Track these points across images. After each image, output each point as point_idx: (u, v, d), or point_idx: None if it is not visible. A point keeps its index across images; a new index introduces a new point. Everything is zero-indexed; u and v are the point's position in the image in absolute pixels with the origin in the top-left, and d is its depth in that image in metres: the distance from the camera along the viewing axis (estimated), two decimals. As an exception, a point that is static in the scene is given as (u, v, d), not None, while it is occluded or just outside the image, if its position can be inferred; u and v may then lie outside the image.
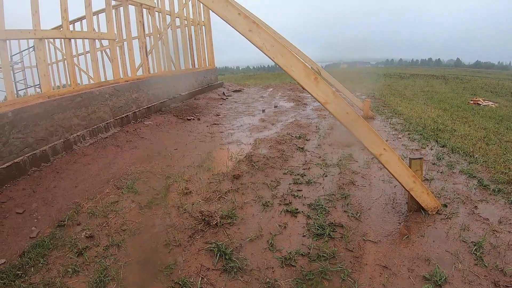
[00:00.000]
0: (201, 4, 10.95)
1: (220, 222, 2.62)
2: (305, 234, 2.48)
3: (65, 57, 7.98)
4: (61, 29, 5.30)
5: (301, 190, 3.23)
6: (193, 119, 6.74)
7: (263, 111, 7.68)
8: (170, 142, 5.20)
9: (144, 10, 7.62)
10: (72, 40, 9.15)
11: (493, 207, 2.87)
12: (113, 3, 6.48)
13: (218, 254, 2.26)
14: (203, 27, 11.10)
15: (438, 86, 13.76)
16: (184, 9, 9.73)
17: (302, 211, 2.81)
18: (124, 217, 2.92)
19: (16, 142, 3.82)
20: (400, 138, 5.15)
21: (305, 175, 3.60)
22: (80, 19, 9.66)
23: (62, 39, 7.29)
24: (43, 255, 2.42)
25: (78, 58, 10.50)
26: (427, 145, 4.69)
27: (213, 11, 2.41)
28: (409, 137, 5.13)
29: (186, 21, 9.73)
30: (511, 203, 2.91)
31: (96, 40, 6.37)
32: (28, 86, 10.13)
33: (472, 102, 8.84)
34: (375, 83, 15.58)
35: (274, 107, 8.21)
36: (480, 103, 8.63)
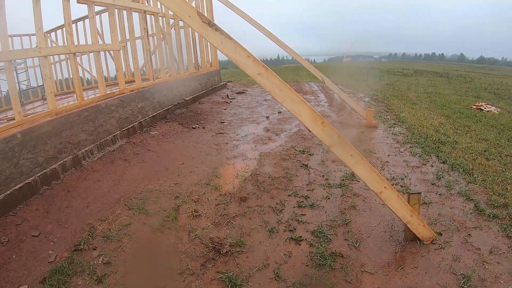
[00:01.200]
0: (205, 6, 11.14)
1: (230, 250, 2.90)
2: (308, 264, 2.75)
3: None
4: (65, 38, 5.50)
5: (305, 214, 3.50)
6: (198, 127, 7.00)
7: (267, 117, 7.92)
8: (176, 154, 5.46)
9: (148, 16, 7.81)
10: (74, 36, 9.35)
11: (486, 235, 3.10)
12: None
13: (229, 285, 2.52)
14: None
15: (441, 86, 13.99)
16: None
17: (305, 239, 3.08)
18: (138, 241, 3.19)
19: (27, 163, 4.03)
20: (401, 152, 5.38)
21: (308, 197, 3.87)
22: (82, 18, 9.91)
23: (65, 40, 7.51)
24: (64, 282, 2.68)
25: (81, 57, 10.71)
26: (428, 161, 4.93)
27: (222, 53, 2.63)
28: (411, 151, 5.38)
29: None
30: (504, 230, 3.14)
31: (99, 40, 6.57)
32: (31, 87, 10.36)
33: (474, 107, 9.08)
34: (378, 82, 15.78)
35: (278, 113, 8.46)
36: (483, 108, 8.86)
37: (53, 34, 10.69)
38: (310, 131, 2.63)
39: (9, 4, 4.38)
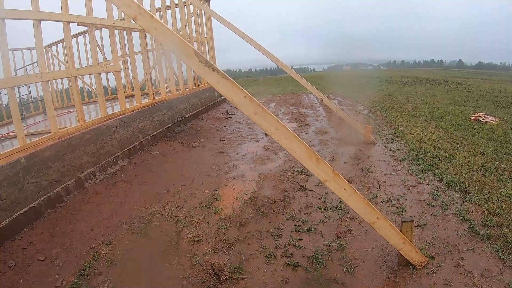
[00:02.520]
0: (204, 21, 11.40)
1: (229, 277, 3.08)
2: (304, 291, 2.92)
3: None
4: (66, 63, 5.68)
5: (302, 239, 3.68)
6: (198, 146, 7.20)
7: (266, 135, 8.11)
8: (177, 175, 5.64)
9: (148, 35, 8.03)
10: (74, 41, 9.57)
11: (478, 257, 3.25)
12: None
13: (229, 313, 2.70)
14: (206, 43, 11.54)
15: (440, 96, 14.23)
16: (187, 25, 10.17)
17: (302, 265, 3.25)
18: (142, 266, 3.36)
19: (31, 187, 4.19)
20: (399, 170, 5.55)
21: (306, 221, 4.04)
22: (82, 33, 10.18)
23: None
24: (72, 308, 2.85)
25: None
26: (425, 180, 5.10)
27: (219, 92, 2.82)
28: (408, 169, 5.54)
29: (189, 38, 10.14)
30: (497, 251, 3.29)
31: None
32: (33, 101, 10.58)
33: (473, 118, 9.28)
34: (377, 92, 16.02)
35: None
36: (481, 119, 9.05)
37: (54, 47, 10.96)
38: (305, 167, 2.80)
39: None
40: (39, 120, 8.60)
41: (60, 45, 10.96)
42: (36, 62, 9.81)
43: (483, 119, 9.09)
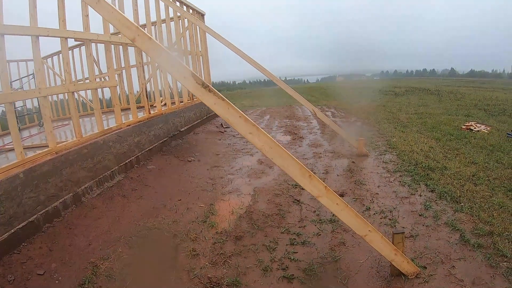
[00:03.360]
0: (199, 35, 11.59)
1: (226, 290, 3.17)
2: (299, 302, 3.02)
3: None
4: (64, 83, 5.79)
5: (297, 252, 3.79)
6: (194, 160, 7.31)
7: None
8: (173, 190, 5.74)
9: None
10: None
11: (470, 265, 3.37)
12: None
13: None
14: (201, 57, 11.72)
15: (432, 106, 14.55)
16: (182, 39, 10.33)
17: (297, 277, 3.36)
18: (141, 281, 3.43)
19: (29, 202, 4.25)
20: (391, 182, 5.70)
21: (300, 234, 4.16)
22: (78, 45, 10.31)
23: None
24: (73, 322, 2.92)
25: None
26: (417, 191, 5.25)
27: (216, 112, 2.95)
28: (400, 181, 5.70)
29: (183, 52, 10.30)
30: (488, 259, 3.41)
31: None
32: (28, 113, 10.67)
33: (464, 127, 9.49)
34: (370, 103, 16.27)
35: (271, 143, 8.77)
36: (473, 128, 9.27)
37: (49, 60, 11.09)
38: (299, 184, 2.92)
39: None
40: (35, 133, 8.66)
41: (55, 58, 11.11)
42: (32, 74, 9.97)
43: (475, 128, 9.32)
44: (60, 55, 10.09)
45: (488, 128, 9.28)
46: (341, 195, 5.21)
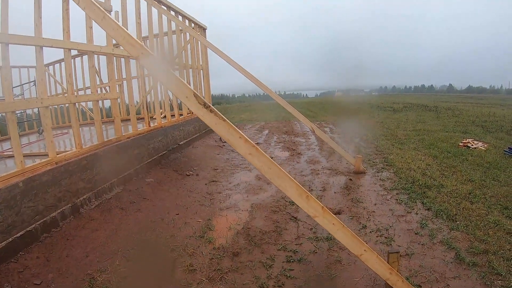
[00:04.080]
0: (200, 49, 11.75)
1: (223, 306, 3.21)
2: (295, 320, 3.07)
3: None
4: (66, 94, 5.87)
5: (293, 269, 3.84)
6: (192, 174, 7.38)
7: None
8: (171, 204, 5.80)
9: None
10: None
11: (464, 284, 3.42)
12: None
13: None
14: (201, 71, 11.86)
15: (430, 122, 14.73)
16: (183, 52, 10.48)
17: (293, 295, 3.41)
18: (137, 295, 3.48)
19: (28, 211, 4.31)
20: (388, 200, 5.77)
21: (297, 251, 4.22)
22: (79, 55, 10.45)
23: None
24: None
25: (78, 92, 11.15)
26: (413, 209, 5.32)
27: (217, 132, 3.04)
28: (397, 199, 5.77)
29: (184, 65, 10.44)
30: (482, 277, 3.47)
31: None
32: (27, 120, 10.76)
33: (462, 144, 9.61)
34: (369, 120, 16.43)
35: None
36: (470, 145, 9.39)
37: (51, 67, 11.21)
38: (296, 203, 2.99)
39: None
40: (34, 140, 8.70)
41: (57, 65, 11.23)
42: (33, 81, 10.07)
43: (472, 145, 9.44)
44: (62, 63, 10.22)
45: (485, 145, 9.42)
46: (338, 213, 5.28)
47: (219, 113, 2.93)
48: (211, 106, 2.94)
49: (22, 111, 10.21)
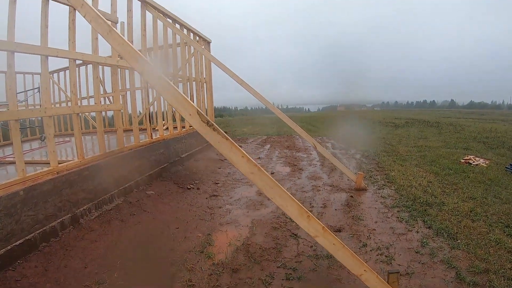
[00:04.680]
0: (204, 62, 11.87)
1: (221, 323, 3.21)
2: None
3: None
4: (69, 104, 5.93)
5: (293, 287, 3.83)
6: (193, 188, 7.41)
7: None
8: (171, 217, 5.81)
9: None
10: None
11: (464, 304, 3.42)
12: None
13: None
14: (205, 84, 11.96)
15: (431, 138, 14.80)
16: (187, 65, 10.59)
17: (292, 313, 3.40)
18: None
19: (28, 220, 4.32)
20: (389, 217, 5.76)
21: (296, 269, 4.21)
22: (83, 64, 10.56)
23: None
24: None
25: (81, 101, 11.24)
26: (414, 227, 5.30)
27: (219, 151, 3.07)
28: (398, 216, 5.77)
29: (188, 78, 10.53)
30: None
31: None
32: (30, 126, 10.84)
33: (463, 161, 9.63)
34: (370, 135, 16.49)
35: (271, 173, 8.88)
36: (471, 162, 9.40)
37: (55, 75, 11.33)
38: (296, 223, 3.01)
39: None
40: (36, 147, 8.75)
41: (61, 73, 11.35)
42: (37, 88, 10.18)
43: (474, 161, 9.46)
44: (67, 71, 10.33)
45: (486, 162, 9.44)
46: (339, 231, 5.28)
47: (222, 131, 2.97)
48: (214, 124, 2.98)
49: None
